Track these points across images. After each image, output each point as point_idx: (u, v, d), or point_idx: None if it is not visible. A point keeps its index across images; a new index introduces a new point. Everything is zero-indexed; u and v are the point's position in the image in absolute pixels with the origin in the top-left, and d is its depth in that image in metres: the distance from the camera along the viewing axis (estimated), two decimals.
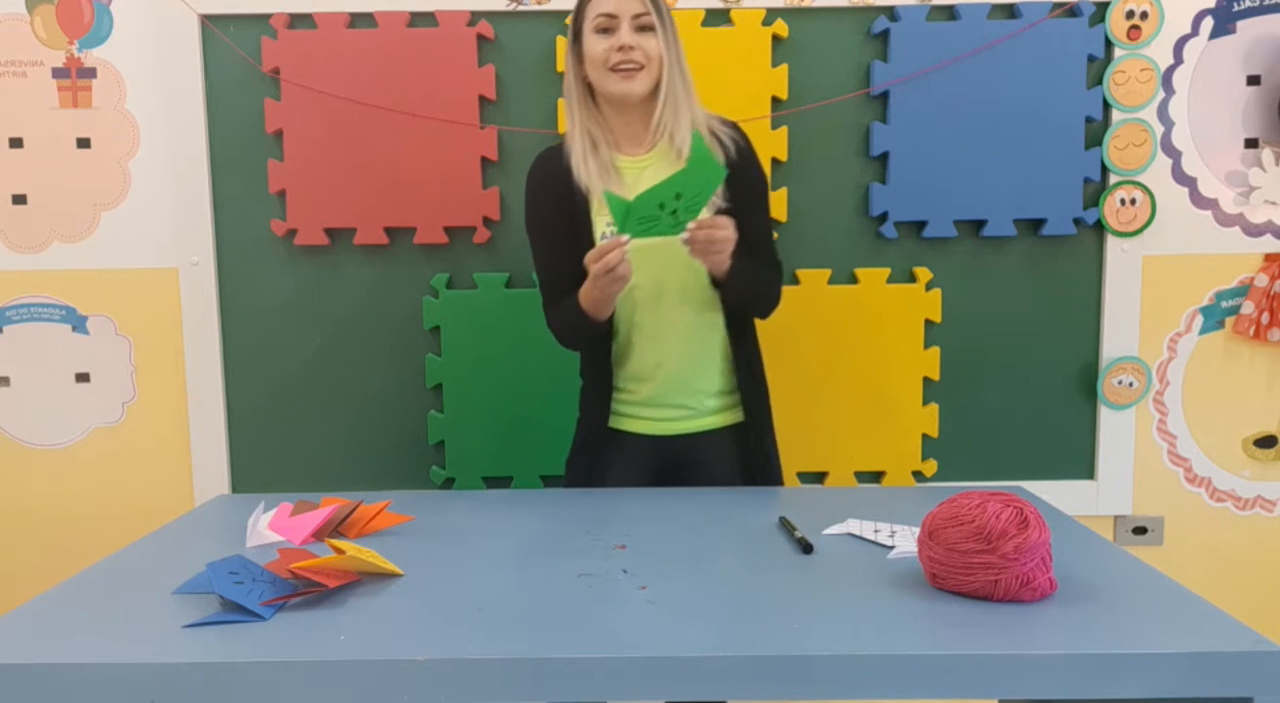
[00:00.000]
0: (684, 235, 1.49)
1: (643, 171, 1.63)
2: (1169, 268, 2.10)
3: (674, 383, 1.68)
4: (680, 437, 1.71)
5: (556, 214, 1.64)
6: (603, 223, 1.61)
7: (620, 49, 1.55)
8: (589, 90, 1.63)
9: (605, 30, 1.56)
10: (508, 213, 2.04)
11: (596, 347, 1.70)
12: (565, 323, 1.65)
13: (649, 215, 1.43)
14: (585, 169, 1.60)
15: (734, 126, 1.67)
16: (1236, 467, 2.16)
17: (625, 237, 1.45)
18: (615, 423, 1.72)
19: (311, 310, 2.09)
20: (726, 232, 1.50)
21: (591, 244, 1.60)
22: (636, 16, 1.56)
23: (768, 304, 1.72)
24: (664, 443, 1.71)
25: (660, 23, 1.57)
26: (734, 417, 1.72)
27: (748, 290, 1.64)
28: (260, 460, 2.12)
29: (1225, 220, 2.09)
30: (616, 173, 1.62)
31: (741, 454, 1.72)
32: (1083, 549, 1.31)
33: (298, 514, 1.44)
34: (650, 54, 1.57)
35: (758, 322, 1.75)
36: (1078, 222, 2.06)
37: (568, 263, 1.59)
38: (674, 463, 1.72)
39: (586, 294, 1.56)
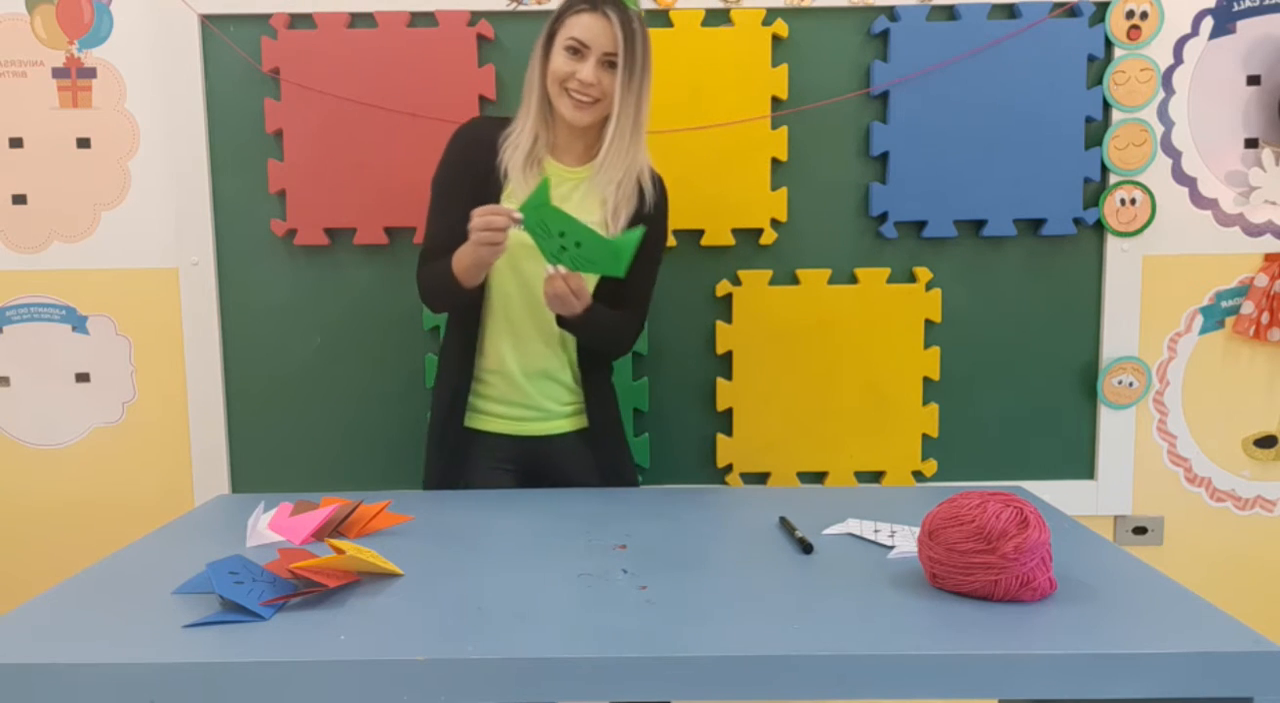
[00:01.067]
0: (549, 271, 1.52)
1: (562, 182, 1.66)
2: (1169, 268, 2.10)
3: (527, 383, 1.72)
4: (533, 438, 1.74)
5: (467, 180, 1.66)
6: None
7: (579, 79, 1.57)
8: (547, 94, 1.64)
9: (574, 52, 1.57)
10: None
11: (459, 333, 1.73)
12: (434, 282, 1.67)
13: (550, 229, 1.47)
14: (515, 155, 1.63)
15: (659, 182, 1.71)
16: (1236, 467, 2.16)
17: (519, 215, 1.49)
18: (471, 421, 1.74)
19: (311, 310, 2.09)
20: (581, 302, 1.55)
21: None
22: (606, 53, 1.57)
23: (613, 352, 1.79)
24: (518, 443, 1.74)
25: (627, 64, 1.57)
26: (582, 422, 1.77)
27: (590, 337, 1.69)
28: (260, 460, 2.12)
29: (1225, 220, 2.09)
30: (540, 173, 1.64)
31: (593, 460, 1.76)
32: (1083, 549, 1.31)
33: (298, 514, 1.44)
34: (608, 91, 1.59)
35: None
36: (1078, 221, 2.06)
37: (458, 228, 1.60)
38: (530, 464, 1.75)
39: (462, 255, 1.58)
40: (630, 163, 1.64)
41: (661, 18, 2.00)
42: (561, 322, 1.64)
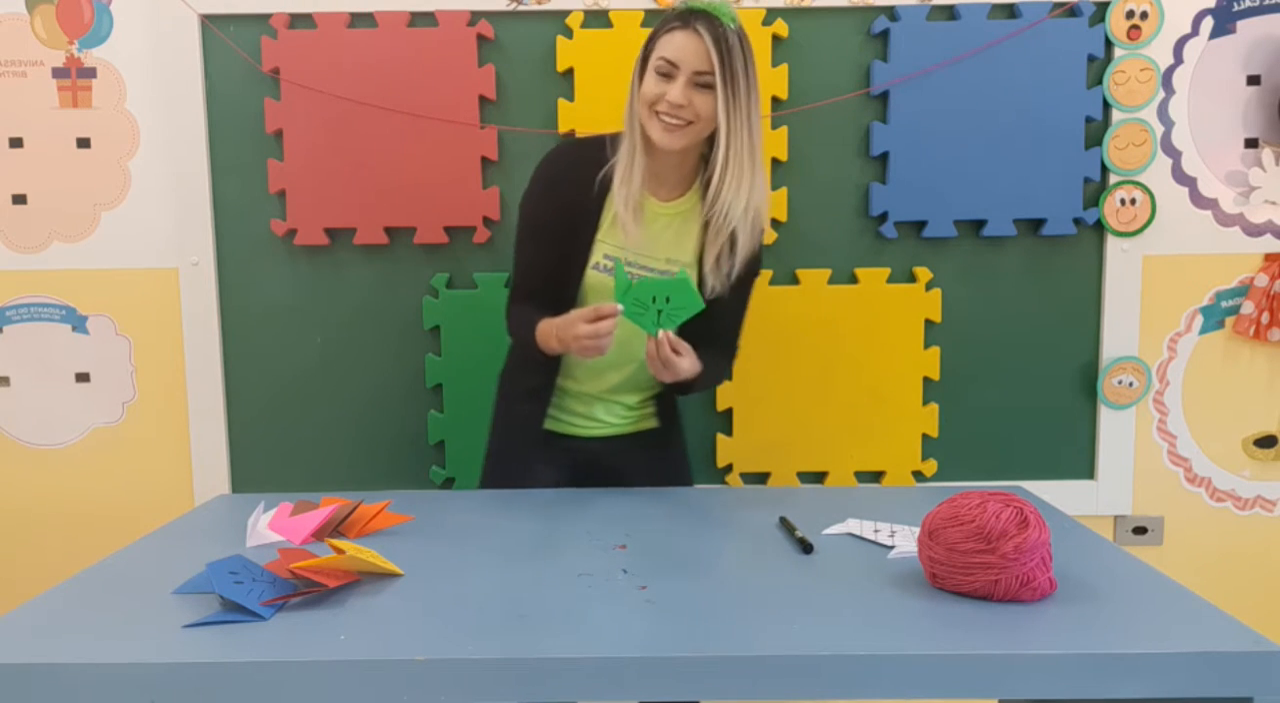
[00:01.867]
0: (651, 340, 1.48)
1: (658, 218, 1.60)
2: (1169, 268, 2.10)
3: (595, 401, 1.72)
4: (595, 439, 1.74)
5: (560, 221, 1.59)
6: (601, 253, 1.60)
7: (668, 101, 1.48)
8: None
9: (665, 74, 1.49)
10: (508, 213, 2.04)
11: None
12: (519, 335, 1.65)
13: (642, 302, 1.46)
14: (623, 193, 1.55)
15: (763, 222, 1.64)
16: (1236, 467, 2.16)
17: (620, 309, 1.46)
18: (549, 425, 1.73)
19: (311, 310, 2.09)
20: (684, 363, 1.49)
21: (583, 259, 1.59)
22: (698, 73, 1.47)
23: (706, 390, 1.77)
24: (580, 444, 1.73)
25: (728, 82, 1.47)
26: (649, 423, 1.77)
27: (689, 390, 1.65)
28: (260, 460, 2.12)
29: (1225, 220, 2.09)
30: (639, 209, 1.58)
31: (655, 457, 1.76)
32: (1083, 549, 1.31)
33: (298, 514, 1.44)
34: (701, 113, 1.49)
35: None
36: (1078, 221, 2.06)
37: (551, 265, 1.59)
38: (588, 465, 1.74)
39: (552, 336, 1.54)
40: (750, 195, 1.54)
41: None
42: (673, 386, 1.58)
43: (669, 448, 1.80)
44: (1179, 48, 2.05)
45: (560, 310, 1.57)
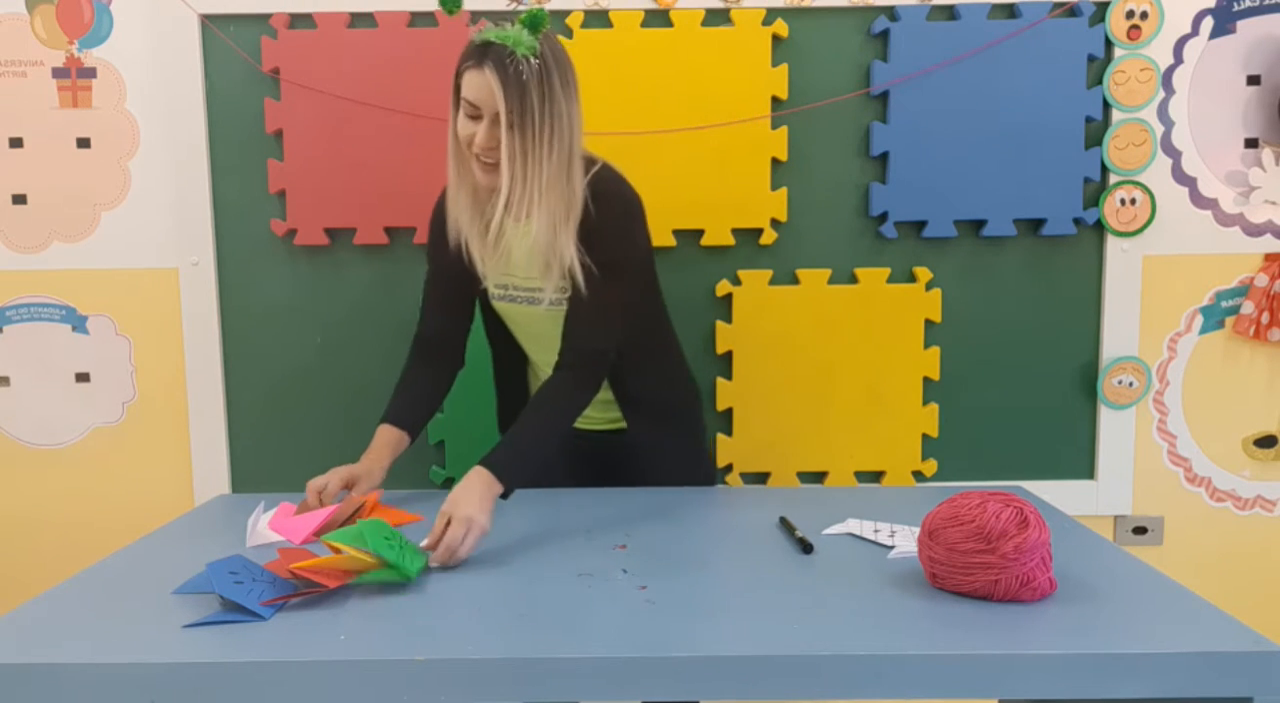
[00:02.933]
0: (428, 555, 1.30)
1: (522, 238, 1.56)
2: (1169, 268, 2.10)
3: None
4: (592, 433, 1.73)
5: (445, 257, 1.62)
6: (492, 283, 1.63)
7: (477, 145, 1.46)
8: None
9: (471, 116, 1.46)
10: None
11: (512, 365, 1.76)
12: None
13: (388, 541, 1.22)
14: (464, 229, 1.56)
15: (604, 194, 1.54)
16: (1236, 467, 2.16)
17: (374, 560, 1.19)
18: None
19: (311, 310, 2.09)
20: (464, 546, 1.29)
21: (474, 288, 1.66)
22: (497, 115, 1.43)
23: (590, 398, 1.58)
24: (580, 435, 1.72)
25: (513, 124, 1.42)
26: (620, 424, 1.72)
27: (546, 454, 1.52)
28: (260, 460, 2.12)
29: (1225, 220, 2.09)
30: (501, 233, 1.53)
31: (657, 455, 1.72)
32: (1083, 549, 1.31)
33: (301, 513, 1.45)
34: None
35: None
36: (1078, 221, 2.06)
37: (445, 312, 1.70)
38: (601, 458, 1.74)
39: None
40: (550, 216, 1.48)
41: (661, 18, 2.00)
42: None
43: (671, 447, 1.75)
44: (1179, 48, 2.05)
45: (452, 365, 1.74)
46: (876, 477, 2.15)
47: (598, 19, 2.00)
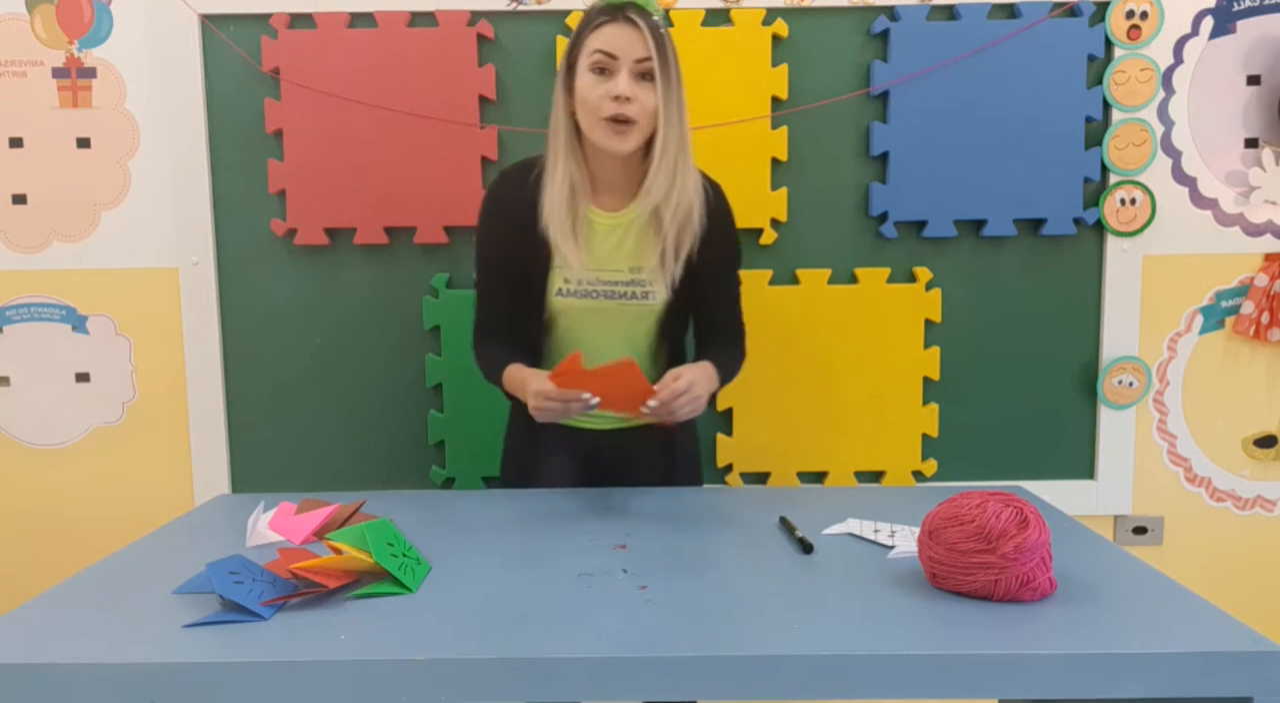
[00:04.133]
0: (645, 407, 1.40)
1: (613, 230, 1.56)
2: (1169, 268, 2.10)
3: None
4: (604, 433, 1.70)
5: (510, 249, 1.55)
6: (560, 278, 1.56)
7: (616, 98, 1.42)
8: (577, 130, 1.51)
9: (602, 70, 1.43)
10: None
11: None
12: (489, 375, 1.63)
13: (396, 549, 1.23)
14: (557, 219, 1.50)
15: (714, 187, 1.59)
16: (1236, 467, 2.16)
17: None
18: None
19: (311, 310, 2.09)
20: (685, 402, 1.40)
21: (540, 291, 1.57)
22: (639, 60, 1.42)
23: (731, 380, 1.67)
24: (590, 436, 1.70)
25: (663, 70, 1.43)
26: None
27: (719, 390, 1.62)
28: (260, 460, 2.12)
29: (1225, 220, 2.09)
30: (589, 227, 1.54)
31: (664, 452, 1.72)
32: (1083, 549, 1.31)
33: (303, 513, 1.45)
34: (646, 108, 1.44)
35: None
36: (1078, 221, 2.06)
37: (510, 301, 1.57)
38: (598, 457, 1.71)
39: (519, 385, 1.52)
40: (682, 187, 1.49)
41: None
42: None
43: (677, 444, 1.76)
44: (1179, 48, 2.05)
45: (530, 339, 1.60)
46: (876, 477, 2.15)
47: None
